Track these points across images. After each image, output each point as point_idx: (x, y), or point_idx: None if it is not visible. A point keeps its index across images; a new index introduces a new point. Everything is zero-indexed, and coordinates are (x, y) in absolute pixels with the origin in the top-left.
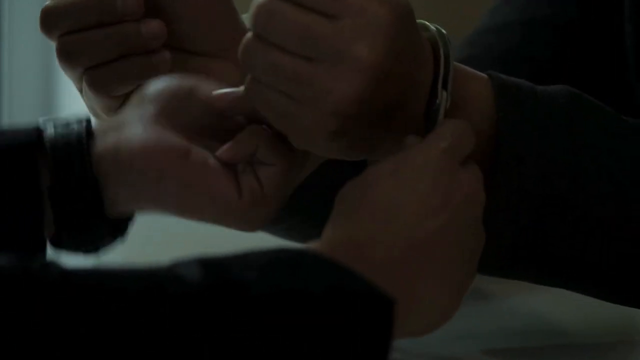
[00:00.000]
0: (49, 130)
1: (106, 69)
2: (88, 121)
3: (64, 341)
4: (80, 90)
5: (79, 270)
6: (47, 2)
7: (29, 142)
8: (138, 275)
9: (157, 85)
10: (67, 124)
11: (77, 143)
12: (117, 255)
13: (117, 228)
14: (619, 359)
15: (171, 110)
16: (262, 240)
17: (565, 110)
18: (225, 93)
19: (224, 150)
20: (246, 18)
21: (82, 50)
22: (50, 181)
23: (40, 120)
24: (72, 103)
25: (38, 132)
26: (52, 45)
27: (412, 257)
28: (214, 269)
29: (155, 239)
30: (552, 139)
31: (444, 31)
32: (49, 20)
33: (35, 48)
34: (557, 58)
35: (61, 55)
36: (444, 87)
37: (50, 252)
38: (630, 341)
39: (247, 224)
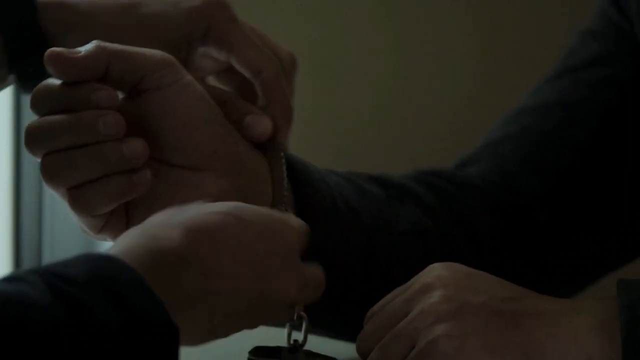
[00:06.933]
0: None
1: (87, 189)
2: None
3: None
4: None
5: None
6: (29, 122)
7: None
8: None
9: None
10: None
11: None
12: None
13: None
14: None
15: None
16: None
17: None
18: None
19: None
20: None
21: (64, 170)
22: None
23: None
24: None
25: None
26: None
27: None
28: (59, 290)
29: None
30: None
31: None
32: (32, 140)
33: None
34: (596, 144)
35: (44, 174)
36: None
37: None
38: None
39: None
